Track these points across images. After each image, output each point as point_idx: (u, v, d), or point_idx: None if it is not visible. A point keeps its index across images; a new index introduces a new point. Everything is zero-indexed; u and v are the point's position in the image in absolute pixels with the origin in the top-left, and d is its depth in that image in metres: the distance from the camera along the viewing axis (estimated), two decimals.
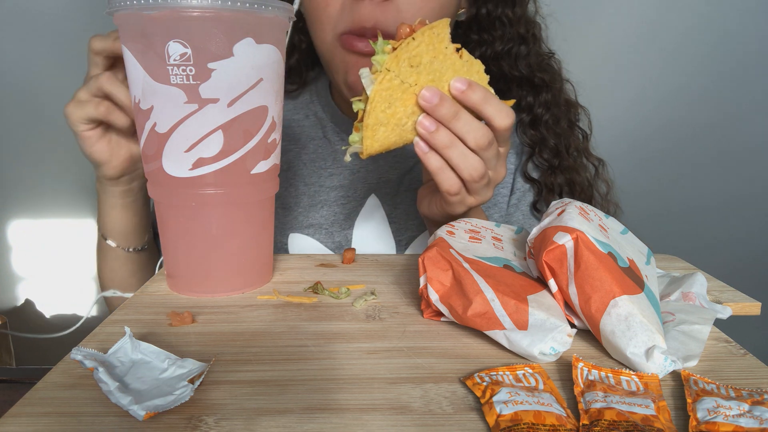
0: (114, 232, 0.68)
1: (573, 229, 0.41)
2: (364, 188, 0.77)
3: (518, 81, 0.77)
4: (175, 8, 0.43)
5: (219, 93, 0.45)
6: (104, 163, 0.61)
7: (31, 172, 1.32)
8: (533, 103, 0.77)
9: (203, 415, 0.32)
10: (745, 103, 1.32)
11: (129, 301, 0.49)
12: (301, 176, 0.77)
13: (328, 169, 0.78)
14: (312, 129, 0.80)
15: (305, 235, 0.76)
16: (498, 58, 0.76)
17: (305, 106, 0.82)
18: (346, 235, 0.76)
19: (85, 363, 0.35)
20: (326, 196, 0.77)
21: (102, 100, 0.56)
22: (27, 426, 0.31)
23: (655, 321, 0.39)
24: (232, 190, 0.49)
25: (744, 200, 1.39)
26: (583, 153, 0.79)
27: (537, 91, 0.77)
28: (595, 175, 0.80)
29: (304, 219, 0.76)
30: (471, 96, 0.49)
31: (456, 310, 0.42)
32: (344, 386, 0.36)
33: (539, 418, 0.31)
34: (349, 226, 0.76)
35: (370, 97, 0.47)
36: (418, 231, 0.76)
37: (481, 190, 0.54)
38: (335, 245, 0.76)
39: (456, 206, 0.55)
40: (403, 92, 0.48)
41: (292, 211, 0.76)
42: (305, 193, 0.77)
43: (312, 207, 0.77)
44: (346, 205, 0.76)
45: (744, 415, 0.31)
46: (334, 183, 0.77)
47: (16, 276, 1.41)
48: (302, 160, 0.78)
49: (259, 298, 0.50)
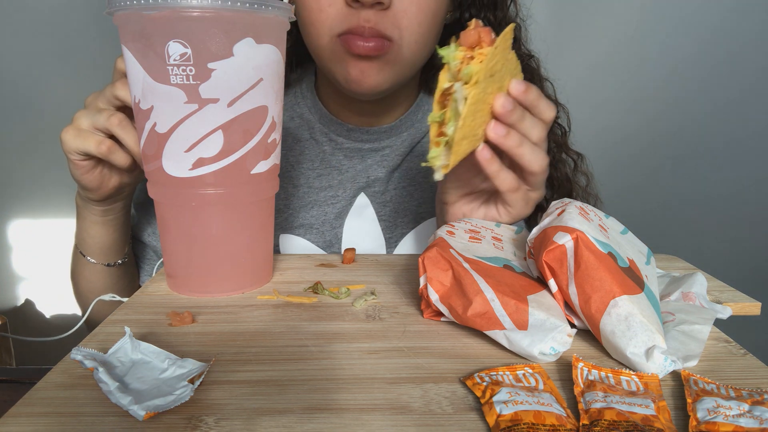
0: (94, 248, 0.68)
1: (573, 229, 0.41)
2: (353, 188, 0.77)
3: None
4: (175, 8, 0.43)
5: (219, 93, 0.45)
6: (92, 190, 0.61)
7: (31, 172, 1.32)
8: None
9: (203, 415, 0.32)
10: (745, 103, 1.32)
11: (129, 301, 0.49)
12: (289, 178, 0.77)
13: (316, 170, 0.78)
14: (298, 130, 0.80)
15: (296, 235, 0.76)
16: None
17: (290, 108, 0.81)
18: (336, 233, 0.76)
19: (85, 363, 0.35)
20: (315, 196, 0.77)
21: (105, 139, 0.56)
22: (27, 426, 0.31)
23: (655, 321, 0.39)
24: (232, 190, 0.49)
25: (744, 200, 1.39)
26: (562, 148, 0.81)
27: None
28: (574, 169, 0.82)
29: (294, 220, 0.77)
30: (529, 96, 0.51)
31: (456, 310, 0.42)
32: (344, 386, 0.36)
33: (539, 418, 0.31)
34: (339, 225, 0.77)
35: (464, 114, 0.46)
36: (408, 228, 0.77)
37: (541, 183, 0.55)
38: (326, 244, 0.76)
39: (520, 206, 0.56)
40: (483, 103, 0.48)
41: (282, 213, 0.76)
42: (294, 195, 0.77)
43: (302, 208, 0.77)
44: (335, 204, 0.77)
45: (744, 415, 0.31)
46: (323, 183, 0.78)
47: (16, 276, 1.41)
48: (289, 161, 0.78)
49: (259, 298, 0.50)
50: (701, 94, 1.32)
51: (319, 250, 0.76)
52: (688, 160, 1.36)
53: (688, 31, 1.27)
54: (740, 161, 1.36)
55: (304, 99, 0.80)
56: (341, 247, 0.76)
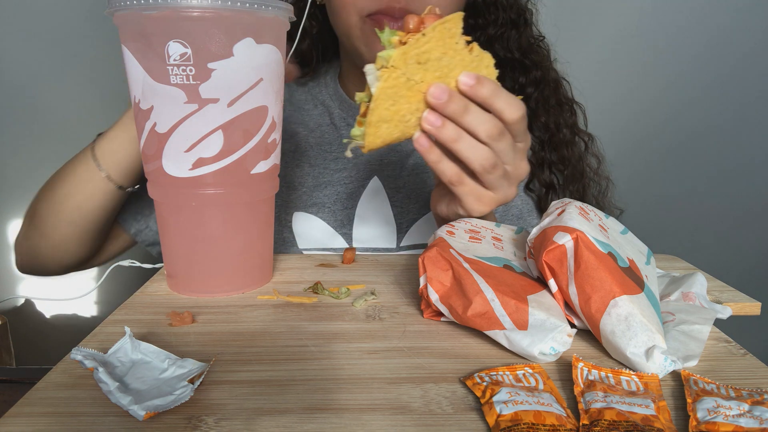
0: (120, 163, 0.64)
1: (573, 229, 0.41)
2: (367, 170, 0.79)
3: (511, 63, 0.82)
4: (175, 8, 0.43)
5: (219, 93, 0.45)
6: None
7: (31, 172, 1.32)
8: (525, 83, 0.82)
9: (203, 415, 0.32)
10: (744, 102, 1.32)
11: (129, 301, 0.49)
12: (307, 157, 0.80)
13: (334, 153, 0.80)
14: (320, 117, 0.84)
15: (309, 213, 0.77)
16: (491, 41, 0.81)
17: (314, 96, 0.85)
18: (348, 215, 0.77)
19: (85, 363, 0.35)
20: (330, 177, 0.79)
21: None
22: (27, 426, 0.31)
23: (655, 321, 0.39)
24: (232, 190, 0.49)
25: (744, 200, 1.39)
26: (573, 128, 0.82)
27: (527, 71, 0.82)
28: (585, 150, 0.83)
29: (308, 198, 0.78)
30: (480, 91, 0.49)
31: (456, 310, 0.42)
32: (344, 386, 0.36)
33: (539, 418, 0.31)
34: (351, 206, 0.78)
35: (375, 96, 0.46)
36: (419, 214, 0.77)
37: (498, 183, 0.52)
38: (338, 224, 0.77)
39: (470, 201, 0.53)
40: (408, 89, 0.47)
41: (297, 190, 0.78)
42: (310, 174, 0.79)
43: (316, 187, 0.79)
44: (348, 185, 0.78)
45: (744, 415, 0.31)
46: (338, 165, 0.80)
47: (16, 276, 1.41)
48: (309, 142, 0.81)
49: (259, 298, 0.50)
50: (701, 94, 1.32)
51: (331, 229, 0.77)
52: (688, 160, 1.36)
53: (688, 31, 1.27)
54: (740, 161, 1.36)
55: (326, 87, 0.85)
56: (352, 228, 0.77)
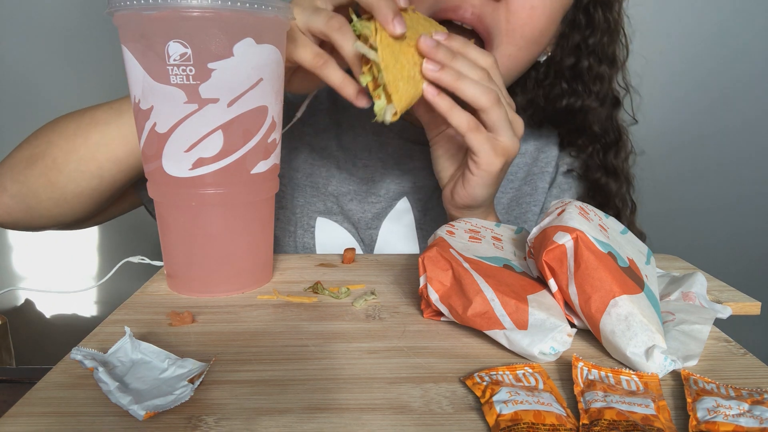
0: None
1: (573, 228, 0.41)
2: (397, 190, 0.76)
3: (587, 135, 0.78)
4: (175, 8, 0.43)
5: (219, 93, 0.45)
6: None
7: None
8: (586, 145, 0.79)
9: (203, 415, 0.32)
10: (744, 102, 1.32)
11: (129, 301, 0.49)
12: (335, 159, 0.76)
13: (363, 160, 0.76)
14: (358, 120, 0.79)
15: (334, 222, 0.75)
16: (583, 111, 0.75)
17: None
18: (372, 235, 0.75)
19: (85, 363, 0.35)
20: (356, 186, 0.76)
21: (321, 52, 0.51)
22: (27, 426, 0.31)
23: (655, 321, 0.39)
24: (232, 190, 0.49)
25: (744, 200, 1.39)
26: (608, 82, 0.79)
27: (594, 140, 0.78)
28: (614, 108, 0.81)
29: (333, 206, 0.75)
30: (452, 44, 0.52)
31: (456, 310, 0.42)
32: (344, 386, 0.36)
33: (539, 418, 0.31)
34: (375, 226, 0.75)
35: (380, 56, 0.47)
36: None
37: (504, 125, 0.53)
38: (360, 240, 0.75)
39: (486, 150, 0.53)
40: (401, 45, 0.49)
41: (320, 191, 0.75)
42: (336, 177, 0.76)
43: (342, 195, 0.75)
44: (376, 204, 0.75)
45: (744, 414, 0.31)
46: (366, 175, 0.76)
47: (16, 276, 1.41)
48: (343, 143, 0.77)
49: (259, 298, 0.50)
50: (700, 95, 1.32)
51: (354, 243, 0.74)
52: (688, 160, 1.36)
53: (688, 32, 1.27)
54: (741, 161, 1.36)
55: None
56: (374, 248, 0.75)
